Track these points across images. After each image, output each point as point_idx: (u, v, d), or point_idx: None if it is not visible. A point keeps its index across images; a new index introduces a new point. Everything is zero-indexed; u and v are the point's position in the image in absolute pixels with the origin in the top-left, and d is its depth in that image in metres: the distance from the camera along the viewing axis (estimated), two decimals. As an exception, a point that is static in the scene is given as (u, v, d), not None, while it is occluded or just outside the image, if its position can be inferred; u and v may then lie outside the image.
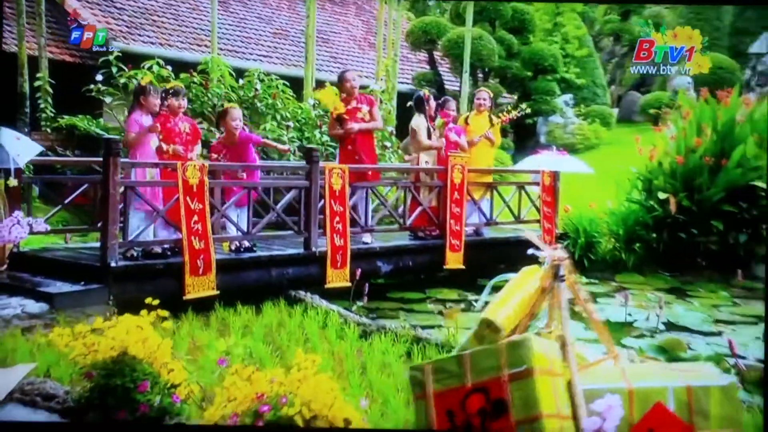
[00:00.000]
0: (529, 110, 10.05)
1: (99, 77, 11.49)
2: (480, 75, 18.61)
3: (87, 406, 3.48)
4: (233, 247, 6.75)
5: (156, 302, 3.65)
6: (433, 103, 8.18)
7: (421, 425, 2.32)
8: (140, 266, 5.97)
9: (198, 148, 6.83)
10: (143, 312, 3.61)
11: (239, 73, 12.18)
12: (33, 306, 5.29)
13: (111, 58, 11.25)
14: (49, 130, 11.90)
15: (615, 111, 21.22)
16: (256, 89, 12.19)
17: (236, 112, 6.95)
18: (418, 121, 8.13)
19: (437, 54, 18.77)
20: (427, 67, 18.95)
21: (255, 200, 6.90)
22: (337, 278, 7.09)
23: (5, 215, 5.94)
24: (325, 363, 4.38)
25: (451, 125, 8.28)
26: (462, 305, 7.28)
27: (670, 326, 6.53)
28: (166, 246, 6.34)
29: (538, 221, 9.10)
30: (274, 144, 7.93)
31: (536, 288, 2.34)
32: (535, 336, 2.17)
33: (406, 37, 18.98)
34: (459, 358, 2.27)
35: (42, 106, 11.93)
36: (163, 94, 6.54)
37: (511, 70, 18.55)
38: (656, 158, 9.14)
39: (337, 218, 7.08)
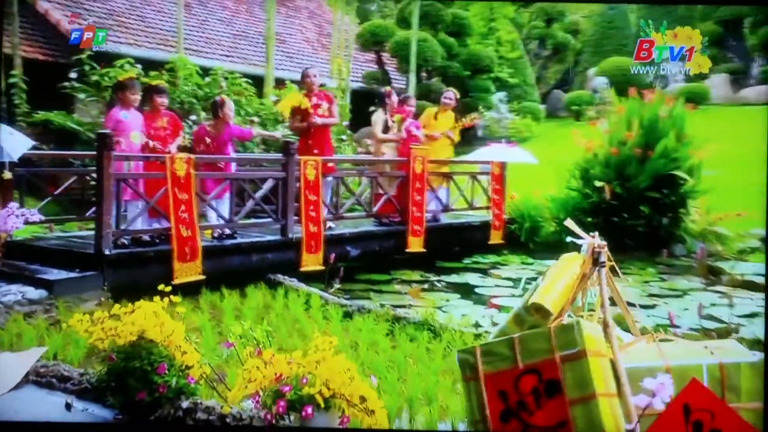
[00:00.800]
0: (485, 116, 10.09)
1: (73, 75, 11.11)
2: (424, 74, 18.59)
3: (107, 387, 3.32)
4: (216, 234, 6.58)
5: (168, 289, 3.49)
6: (395, 99, 8.10)
7: (472, 404, 2.27)
8: (132, 254, 5.78)
9: (179, 140, 6.61)
10: (156, 298, 3.46)
11: (204, 71, 11.92)
12: (33, 292, 5.08)
13: (83, 56, 10.87)
14: (24, 125, 11.42)
15: (542, 107, 21.49)
16: (222, 87, 11.96)
17: (232, 104, 6.79)
18: (377, 116, 8.09)
19: (385, 55, 18.66)
20: (376, 66, 18.82)
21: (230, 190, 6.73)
22: (311, 262, 7.00)
23: (0, 206, 5.67)
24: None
25: (409, 120, 8.21)
26: (426, 285, 7.23)
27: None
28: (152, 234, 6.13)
29: (488, 208, 9.14)
30: (268, 133, 7.74)
31: (577, 274, 2.29)
32: (584, 320, 2.13)
33: (356, 38, 18.83)
34: (509, 342, 2.22)
35: (17, 102, 11.43)
36: (148, 92, 6.30)
37: (451, 70, 18.56)
38: (593, 150, 9.26)
39: (312, 207, 6.96)
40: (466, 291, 7.04)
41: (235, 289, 6.04)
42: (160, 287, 3.54)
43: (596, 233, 2.85)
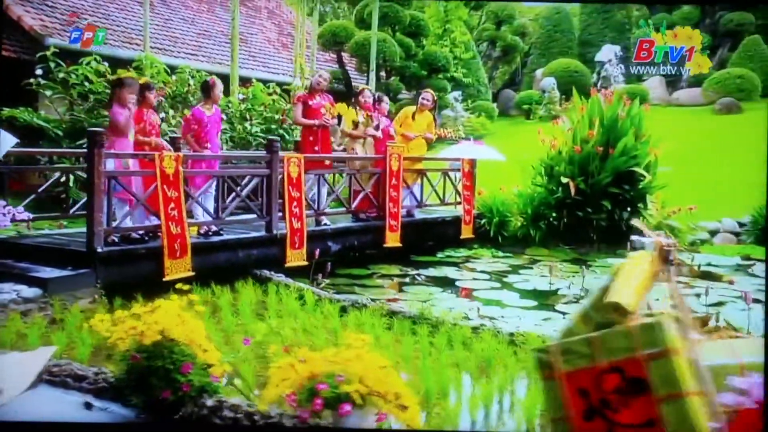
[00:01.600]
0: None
1: (39, 71, 10.70)
2: (383, 73, 18.55)
3: (128, 386, 3.18)
4: (202, 231, 6.40)
5: (186, 287, 3.36)
6: (367, 96, 8.04)
7: (551, 402, 2.22)
8: (123, 251, 5.56)
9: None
10: (174, 297, 3.33)
11: (170, 70, 11.65)
12: (27, 291, 4.86)
13: (48, 53, 10.49)
14: (-12, 121, 10.93)
15: (494, 106, 21.71)
16: (189, 84, 11.69)
17: (222, 85, 6.64)
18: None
19: (345, 54, 18.54)
20: (336, 65, 18.68)
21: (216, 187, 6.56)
22: (296, 258, 6.89)
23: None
24: (326, 340, 4.21)
25: (384, 119, 8.17)
26: (407, 279, 7.19)
27: (587, 293, 6.68)
28: (141, 232, 5.93)
29: (459, 203, 9.16)
30: None
31: (648, 272, 2.26)
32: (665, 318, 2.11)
33: (317, 38, 18.65)
34: (587, 340, 2.18)
35: None
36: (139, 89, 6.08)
37: (409, 70, 18.57)
38: (557, 147, 9.36)
39: (295, 203, 6.85)
40: (446, 284, 7.04)
41: (225, 285, 5.89)
42: (178, 286, 3.39)
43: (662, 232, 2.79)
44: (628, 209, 9.23)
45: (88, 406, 3.26)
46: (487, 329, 4.57)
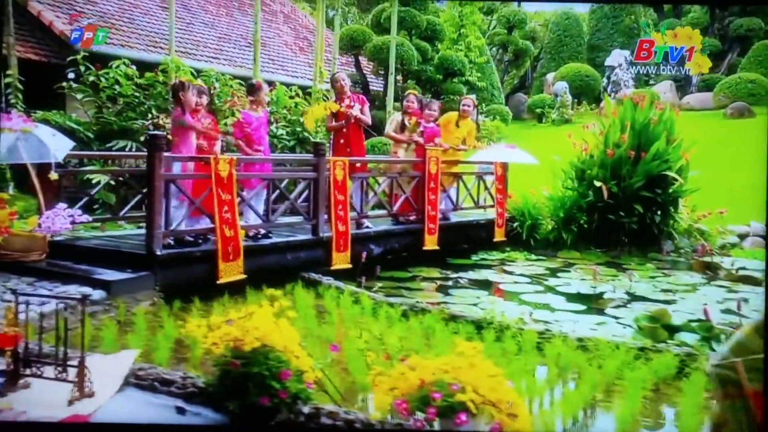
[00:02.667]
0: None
1: (71, 75, 10.67)
2: (399, 77, 18.46)
3: (223, 392, 3.09)
4: (251, 234, 6.32)
5: (278, 293, 3.28)
6: (413, 99, 7.97)
7: (738, 423, 2.12)
8: (181, 254, 5.48)
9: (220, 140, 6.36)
10: (264, 302, 3.25)
11: (194, 73, 11.59)
12: (92, 293, 4.73)
13: (78, 57, 10.44)
14: (21, 124, 10.87)
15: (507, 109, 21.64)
16: (215, 87, 11.63)
17: (267, 87, 6.57)
18: (393, 116, 8.00)
19: (362, 58, 18.49)
20: (352, 69, 18.62)
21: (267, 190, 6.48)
22: (341, 261, 6.81)
23: (44, 207, 5.31)
24: (399, 346, 4.12)
25: (427, 124, 8.08)
26: (450, 282, 7.11)
27: (632, 296, 6.59)
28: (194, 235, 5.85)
29: (491, 206, 9.09)
30: None
31: None
32: None
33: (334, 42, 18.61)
34: None
35: (13, 101, 10.88)
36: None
37: (426, 73, 18.50)
38: (589, 151, 9.29)
39: (340, 206, 6.77)
40: (488, 287, 6.95)
41: (277, 289, 5.80)
42: (269, 292, 3.31)
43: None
44: (659, 213, 9.14)
45: (181, 411, 3.18)
46: (554, 334, 4.48)
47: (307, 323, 4.81)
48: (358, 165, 7.29)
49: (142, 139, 10.73)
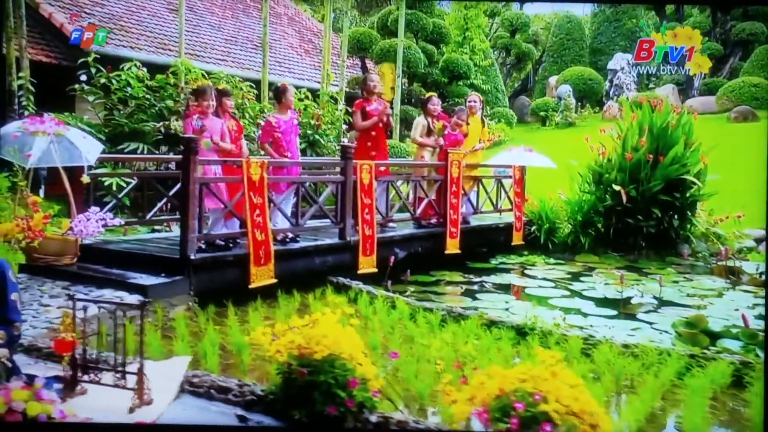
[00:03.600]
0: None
1: (83, 77, 10.61)
2: (405, 80, 18.43)
3: (286, 400, 3.04)
4: (279, 238, 6.26)
5: (341, 300, 3.23)
6: (436, 102, 7.94)
7: None
8: (214, 258, 5.41)
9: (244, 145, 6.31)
10: (326, 310, 3.20)
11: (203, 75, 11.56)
12: (129, 298, 4.67)
13: (89, 59, 10.39)
14: (33, 126, 10.78)
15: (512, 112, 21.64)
16: (225, 89, 11.56)
17: (293, 90, 6.51)
18: (418, 120, 7.93)
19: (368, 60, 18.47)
20: (355, 71, 18.61)
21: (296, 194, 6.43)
22: (367, 264, 6.76)
23: (76, 210, 5.25)
24: (446, 354, 4.07)
25: (453, 131, 8.05)
26: (475, 286, 7.07)
27: (659, 301, 6.56)
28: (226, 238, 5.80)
29: (510, 210, 9.06)
30: None
31: None
32: None
33: (341, 45, 18.57)
34: None
35: (24, 103, 10.81)
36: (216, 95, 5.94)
37: (431, 76, 18.49)
38: (607, 155, 9.27)
39: (367, 210, 6.72)
40: (506, 290, 6.93)
41: (308, 293, 5.78)
42: (331, 298, 3.26)
43: None
44: (676, 216, 9.13)
45: (243, 419, 3.12)
46: (599, 340, 4.45)
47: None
48: (383, 168, 7.25)
49: (153, 140, 10.70)
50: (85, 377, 3.28)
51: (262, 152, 6.61)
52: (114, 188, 8.00)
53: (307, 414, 3.00)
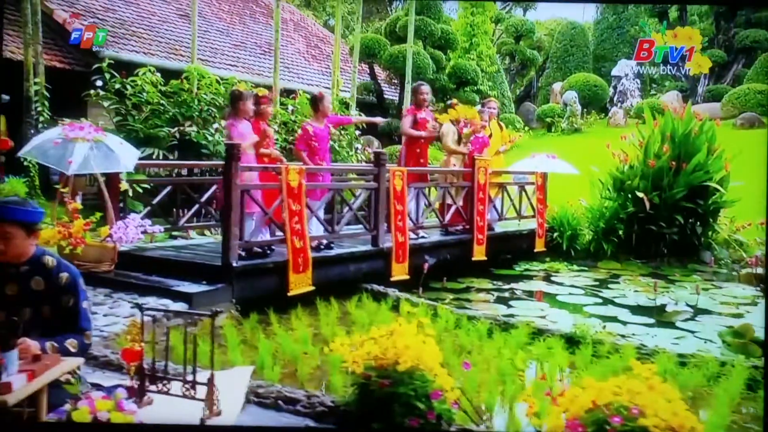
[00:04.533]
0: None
1: (99, 83, 10.53)
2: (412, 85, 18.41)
3: (363, 412, 2.98)
4: (313, 245, 6.18)
5: (415, 310, 3.17)
6: (494, 106, 7.95)
7: None
8: (255, 265, 5.34)
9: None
10: (400, 319, 3.14)
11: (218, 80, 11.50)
12: (174, 305, 4.60)
13: (103, 65, 10.32)
14: (47, 131, 10.73)
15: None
16: (240, 95, 11.50)
17: (330, 97, 6.45)
18: (447, 128, 7.86)
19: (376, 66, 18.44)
20: (368, 77, 18.58)
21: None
22: (399, 272, 6.71)
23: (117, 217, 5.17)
24: (504, 366, 4.00)
25: (478, 136, 8.01)
26: (506, 293, 7.01)
27: (694, 309, 6.50)
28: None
29: (533, 216, 9.02)
30: (367, 119, 7.22)
31: None
32: None
33: (349, 51, 18.54)
34: None
35: (39, 109, 10.73)
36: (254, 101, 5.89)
37: (439, 82, 18.45)
38: (629, 161, 9.25)
39: (399, 217, 6.66)
40: (547, 298, 6.88)
41: (345, 300, 5.72)
42: (407, 309, 3.20)
43: None
44: (699, 223, 9.10)
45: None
46: (654, 349, 4.39)
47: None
48: (416, 175, 7.23)
49: (167, 146, 10.62)
50: (153, 387, 3.20)
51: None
52: (130, 194, 7.95)
53: (386, 426, 2.93)
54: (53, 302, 2.99)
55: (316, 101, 6.45)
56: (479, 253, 7.85)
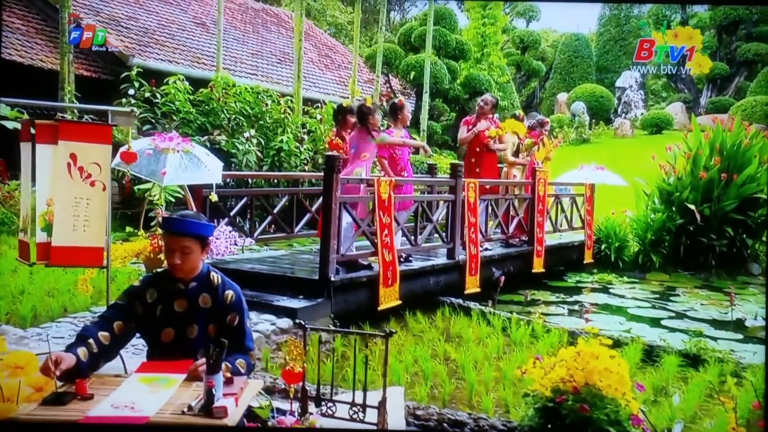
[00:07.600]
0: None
1: (131, 92, 10.34)
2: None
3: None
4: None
5: (595, 330, 3.04)
6: (525, 123, 7.84)
7: None
8: (351, 279, 5.18)
9: None
10: (580, 339, 3.01)
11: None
12: (281, 321, 4.43)
13: (132, 74, 10.15)
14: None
15: (526, 129, 21.62)
16: (267, 104, 11.39)
17: (410, 106, 6.32)
18: (507, 138, 7.77)
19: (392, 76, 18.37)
20: (382, 86, 18.45)
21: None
22: (472, 284, 6.59)
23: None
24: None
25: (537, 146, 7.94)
26: (576, 306, 6.91)
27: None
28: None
29: (582, 228, 8.95)
30: (413, 142, 6.86)
31: None
32: None
33: (365, 60, 18.49)
34: None
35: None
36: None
37: (452, 92, 18.41)
38: (678, 174, 9.21)
39: (473, 229, 6.54)
40: (613, 311, 6.79)
41: (431, 314, 5.59)
42: (587, 327, 3.07)
43: None
44: (745, 235, 9.08)
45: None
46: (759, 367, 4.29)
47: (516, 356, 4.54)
48: (487, 187, 7.12)
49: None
50: (317, 410, 3.05)
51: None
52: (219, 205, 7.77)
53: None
54: (219, 320, 2.85)
55: (395, 110, 6.29)
56: (538, 265, 7.75)
